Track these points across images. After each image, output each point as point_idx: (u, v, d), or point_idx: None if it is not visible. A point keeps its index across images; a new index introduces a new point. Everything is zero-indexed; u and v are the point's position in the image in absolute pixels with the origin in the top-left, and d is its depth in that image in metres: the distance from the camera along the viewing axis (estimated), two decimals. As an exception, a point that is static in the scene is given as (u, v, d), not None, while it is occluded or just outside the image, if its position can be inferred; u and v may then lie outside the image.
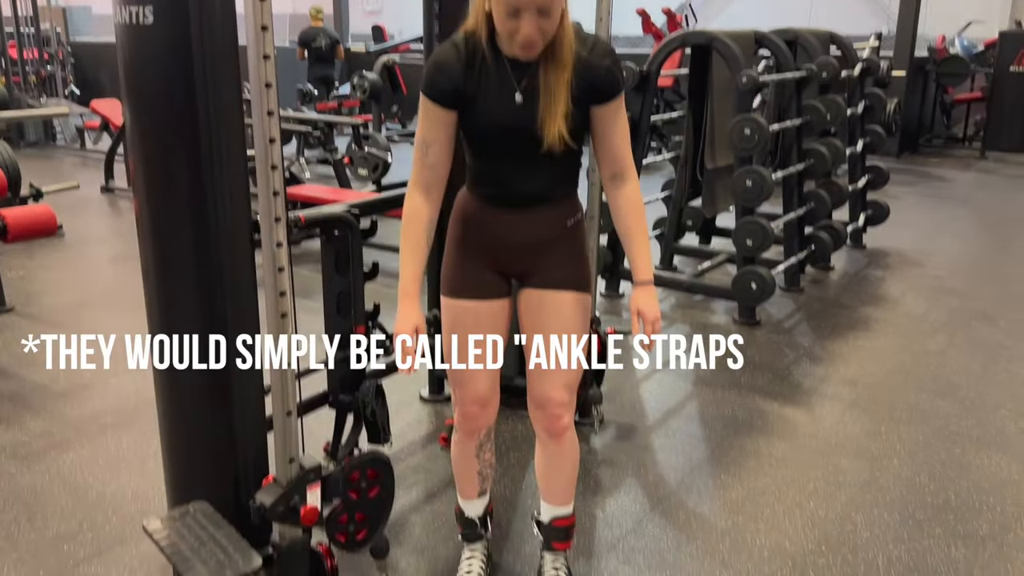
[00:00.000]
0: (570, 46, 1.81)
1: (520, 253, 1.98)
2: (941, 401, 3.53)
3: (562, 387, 2.04)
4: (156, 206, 2.05)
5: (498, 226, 1.97)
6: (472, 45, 1.84)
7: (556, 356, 2.00)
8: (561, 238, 1.98)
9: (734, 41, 4.46)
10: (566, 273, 1.98)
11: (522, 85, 1.83)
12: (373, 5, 20.33)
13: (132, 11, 1.91)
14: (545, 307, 1.99)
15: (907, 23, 10.05)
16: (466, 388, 2.10)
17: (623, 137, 1.93)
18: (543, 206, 1.95)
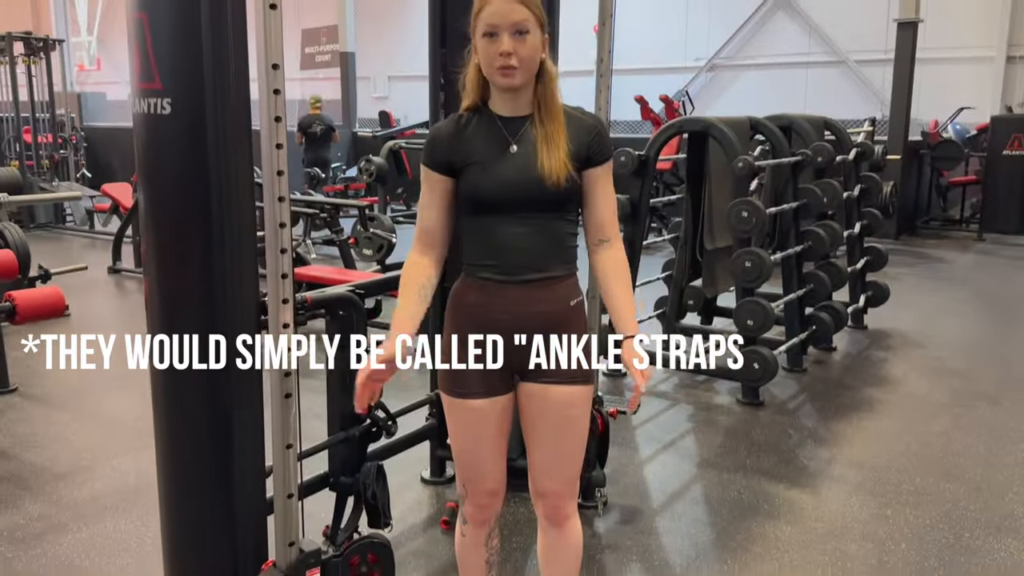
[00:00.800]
0: (557, 99, 1.90)
1: (523, 336, 1.92)
2: (948, 484, 3.50)
3: (563, 481, 2.04)
4: (166, 288, 2.09)
5: (499, 307, 1.91)
6: (468, 117, 1.94)
7: (558, 453, 1.99)
8: (564, 320, 1.94)
9: (730, 127, 4.59)
10: (569, 365, 1.94)
11: (515, 137, 1.89)
12: (381, 91, 20.92)
13: (151, 102, 1.99)
14: (548, 403, 1.95)
15: (900, 108, 10.32)
16: (477, 485, 2.08)
17: (611, 203, 1.97)
18: (544, 282, 1.91)
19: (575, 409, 1.97)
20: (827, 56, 15.68)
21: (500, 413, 1.99)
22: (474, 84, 1.91)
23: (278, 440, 1.98)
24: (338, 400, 2.66)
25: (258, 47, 1.81)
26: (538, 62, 1.85)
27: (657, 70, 16.70)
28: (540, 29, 1.83)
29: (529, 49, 1.81)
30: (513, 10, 1.79)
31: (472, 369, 1.95)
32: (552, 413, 1.96)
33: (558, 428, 1.97)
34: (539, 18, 1.83)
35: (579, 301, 2.00)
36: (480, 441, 2.01)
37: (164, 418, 2.19)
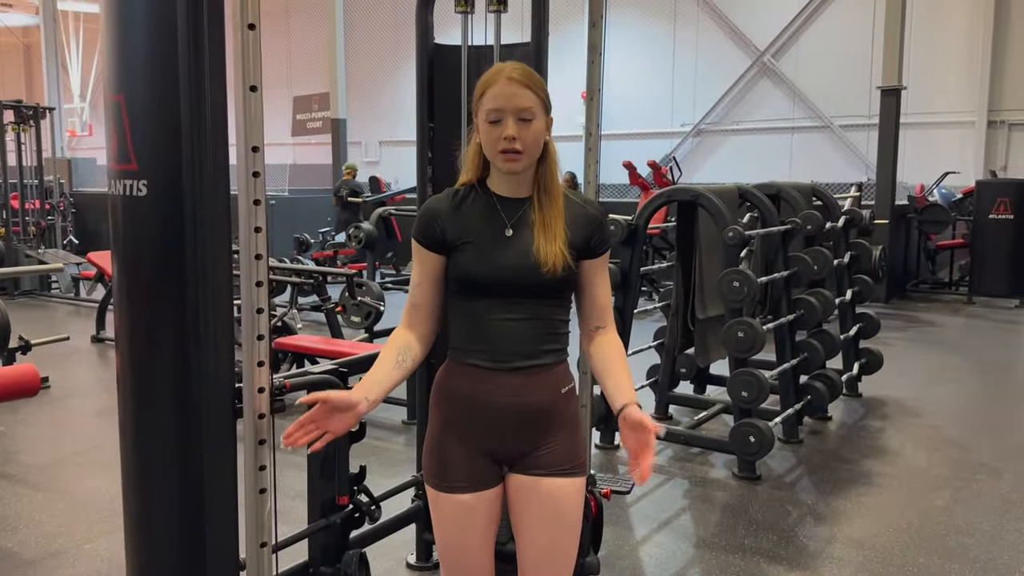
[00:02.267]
0: (558, 183, 1.85)
1: (512, 426, 1.82)
2: (952, 564, 3.38)
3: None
4: (138, 370, 2.01)
5: (487, 394, 1.81)
6: (464, 193, 1.87)
7: (549, 550, 1.88)
8: (555, 409, 1.85)
9: (718, 196, 4.58)
10: (561, 455, 1.85)
11: (512, 221, 1.82)
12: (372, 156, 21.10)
13: (127, 183, 1.94)
14: (539, 496, 1.84)
15: (886, 173, 10.43)
16: None
17: (607, 291, 1.93)
18: (534, 369, 1.82)
19: (567, 502, 1.85)
20: (812, 121, 15.94)
21: (488, 507, 1.87)
22: (473, 162, 1.86)
23: (252, 538, 1.88)
24: (319, 487, 2.55)
25: (237, 130, 1.76)
26: (541, 146, 1.81)
27: (644, 135, 16.94)
28: (544, 113, 1.80)
29: (533, 135, 1.77)
30: (517, 94, 1.75)
31: (456, 460, 1.84)
32: (543, 507, 1.84)
33: (550, 523, 1.85)
34: (544, 102, 1.79)
35: (571, 388, 1.91)
36: (467, 536, 1.88)
37: (133, 505, 2.09)
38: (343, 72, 16.25)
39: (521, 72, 1.77)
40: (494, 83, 1.76)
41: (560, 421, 1.86)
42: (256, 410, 1.83)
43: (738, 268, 4.43)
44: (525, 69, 1.80)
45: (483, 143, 1.80)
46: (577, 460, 1.88)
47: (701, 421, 5.10)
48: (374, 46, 20.14)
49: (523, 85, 1.75)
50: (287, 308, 6.97)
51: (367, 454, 4.52)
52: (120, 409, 2.07)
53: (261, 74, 1.78)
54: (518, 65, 1.81)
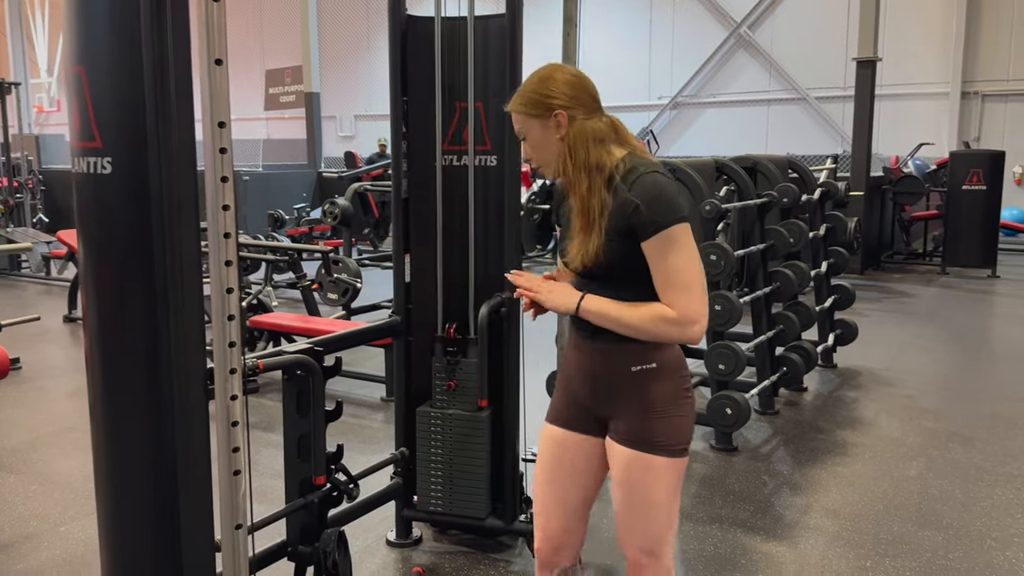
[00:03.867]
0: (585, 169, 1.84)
1: (591, 390, 1.97)
2: (926, 532, 3.43)
3: (631, 545, 1.98)
4: (107, 353, 1.97)
5: (576, 359, 2.00)
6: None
7: (623, 514, 1.97)
8: (624, 385, 1.90)
9: (695, 170, 4.56)
10: (630, 428, 1.91)
11: (560, 211, 2.02)
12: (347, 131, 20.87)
13: (91, 161, 1.89)
14: (613, 460, 1.96)
15: (861, 145, 10.47)
16: (539, 520, 2.09)
17: (667, 274, 1.80)
18: (607, 344, 1.89)
19: (632, 472, 1.91)
20: (788, 93, 15.95)
21: (574, 448, 2.02)
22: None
23: (227, 520, 1.85)
24: (296, 466, 2.53)
25: (203, 105, 1.71)
26: (555, 146, 1.88)
27: (622, 108, 16.87)
28: (538, 118, 1.87)
29: (532, 148, 1.92)
30: (516, 119, 1.92)
31: (559, 402, 2.06)
32: (618, 474, 1.96)
33: (625, 492, 1.95)
34: (532, 112, 1.87)
35: (645, 369, 1.89)
36: (545, 470, 2.06)
37: (105, 488, 2.06)
38: (316, 44, 16.01)
39: (518, 95, 1.91)
40: None
41: (630, 396, 1.91)
42: (228, 391, 1.80)
43: (715, 241, 4.43)
44: (521, 90, 1.91)
45: None
46: (648, 436, 1.89)
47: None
48: (347, 17, 19.85)
49: (516, 108, 1.90)
50: (262, 285, 6.90)
51: (345, 432, 4.51)
52: (90, 391, 2.03)
53: (226, 47, 1.73)
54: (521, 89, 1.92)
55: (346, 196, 9.79)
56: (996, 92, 14.77)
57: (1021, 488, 3.87)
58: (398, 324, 3.18)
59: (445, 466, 3.15)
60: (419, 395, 3.20)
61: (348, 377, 5.45)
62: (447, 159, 3.08)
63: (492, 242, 3.08)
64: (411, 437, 3.18)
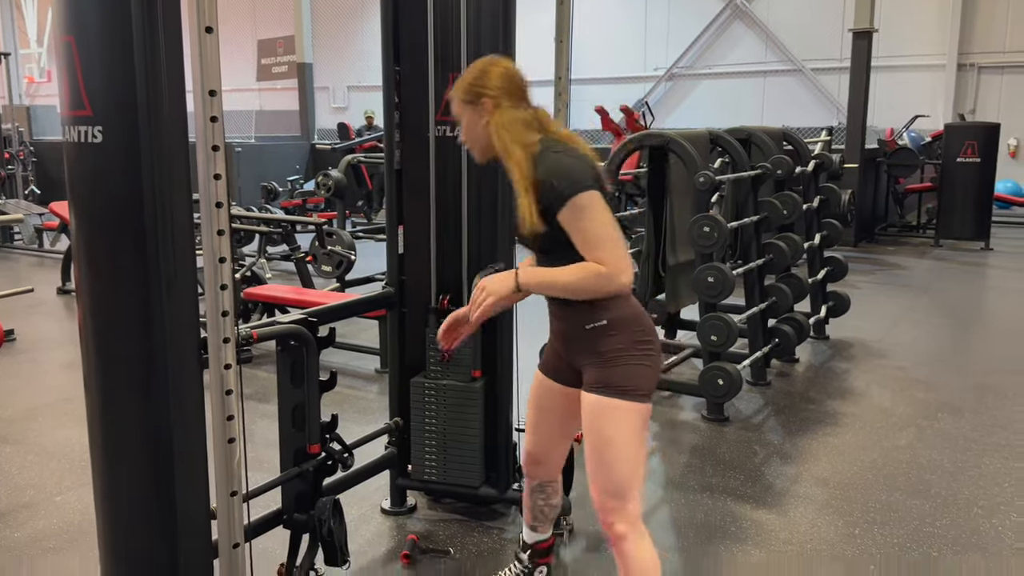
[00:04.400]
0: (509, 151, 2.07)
1: (561, 345, 2.24)
2: (914, 500, 3.48)
3: (600, 491, 2.14)
4: (100, 323, 1.98)
5: (551, 318, 2.26)
6: None
7: (590, 460, 2.14)
8: (582, 340, 2.13)
9: (690, 142, 4.55)
10: (591, 375, 2.12)
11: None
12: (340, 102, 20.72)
13: (81, 130, 1.88)
14: (582, 407, 2.15)
15: (856, 117, 10.44)
16: (525, 437, 2.48)
17: (586, 240, 2.02)
18: (563, 305, 2.14)
19: (599, 416, 2.09)
20: (784, 65, 15.87)
21: (551, 394, 2.34)
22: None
23: (222, 487, 1.87)
24: (290, 436, 2.55)
25: (194, 73, 1.71)
26: (484, 132, 2.11)
27: (617, 79, 16.78)
28: (470, 104, 2.11)
29: (466, 130, 2.15)
30: (452, 105, 2.16)
31: (548, 350, 2.35)
32: (584, 418, 2.14)
33: (590, 434, 2.13)
34: (465, 98, 2.11)
35: (597, 326, 2.10)
36: (531, 406, 2.42)
37: (101, 457, 2.07)
38: (308, 14, 15.84)
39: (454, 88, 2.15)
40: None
41: (588, 350, 2.13)
42: (222, 360, 1.81)
43: (709, 214, 4.44)
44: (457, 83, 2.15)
45: None
46: (609, 383, 2.08)
47: (671, 365, 5.16)
48: (340, -13, 19.63)
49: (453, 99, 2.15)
50: (255, 257, 6.90)
51: (340, 403, 4.53)
52: (84, 361, 2.04)
53: (217, 16, 1.72)
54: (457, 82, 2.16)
55: (340, 168, 9.74)
56: (992, 64, 14.72)
57: (1009, 458, 3.92)
58: (392, 295, 3.18)
59: (439, 436, 3.17)
60: (413, 366, 3.21)
61: (342, 349, 5.48)
62: (440, 130, 3.06)
63: (486, 213, 3.08)
64: (405, 407, 3.21)
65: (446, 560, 2.98)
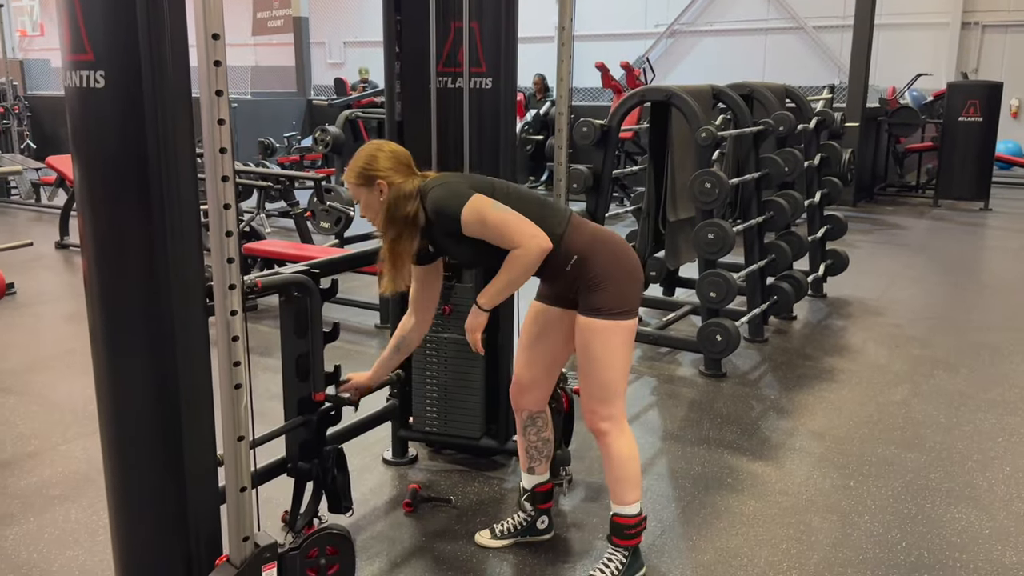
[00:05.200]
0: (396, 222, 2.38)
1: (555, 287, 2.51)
2: (909, 453, 3.53)
3: (587, 396, 2.45)
4: (105, 272, 1.98)
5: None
6: None
7: (581, 370, 2.44)
8: (570, 278, 2.40)
9: (692, 97, 4.52)
10: (582, 301, 2.39)
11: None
12: (336, 58, 20.46)
13: (83, 75, 1.86)
14: (574, 327, 2.43)
15: (858, 76, 10.35)
16: (515, 368, 2.67)
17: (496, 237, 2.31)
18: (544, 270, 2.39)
19: (584, 334, 2.39)
20: (786, 22, 15.68)
21: (545, 317, 2.57)
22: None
23: (229, 432, 1.90)
24: (294, 385, 2.57)
25: (196, 16, 1.69)
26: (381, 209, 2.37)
27: (618, 36, 16.57)
28: (365, 187, 2.37)
29: (365, 208, 2.43)
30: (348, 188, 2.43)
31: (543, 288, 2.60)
32: (575, 336, 2.44)
33: (579, 350, 2.43)
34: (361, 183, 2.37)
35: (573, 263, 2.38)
36: (524, 332, 2.63)
37: (108, 406, 2.09)
38: (305, -33, 15.56)
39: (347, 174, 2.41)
40: None
41: (577, 282, 2.40)
42: (227, 307, 1.82)
43: (710, 169, 4.42)
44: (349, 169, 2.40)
45: None
46: (592, 305, 2.37)
47: (669, 322, 5.18)
48: (337, -61, 19.28)
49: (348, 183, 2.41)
50: (254, 213, 6.88)
51: (341, 357, 4.52)
52: (89, 313, 2.05)
53: (219, -44, 1.69)
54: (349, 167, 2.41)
55: (337, 123, 9.67)
56: (996, 23, 14.55)
57: (1003, 414, 3.96)
58: (393, 248, 3.18)
59: (440, 388, 3.20)
60: (414, 318, 3.22)
61: (343, 304, 5.49)
62: (441, 81, 3.04)
63: (487, 167, 3.06)
64: (407, 360, 3.22)
65: (448, 508, 3.03)
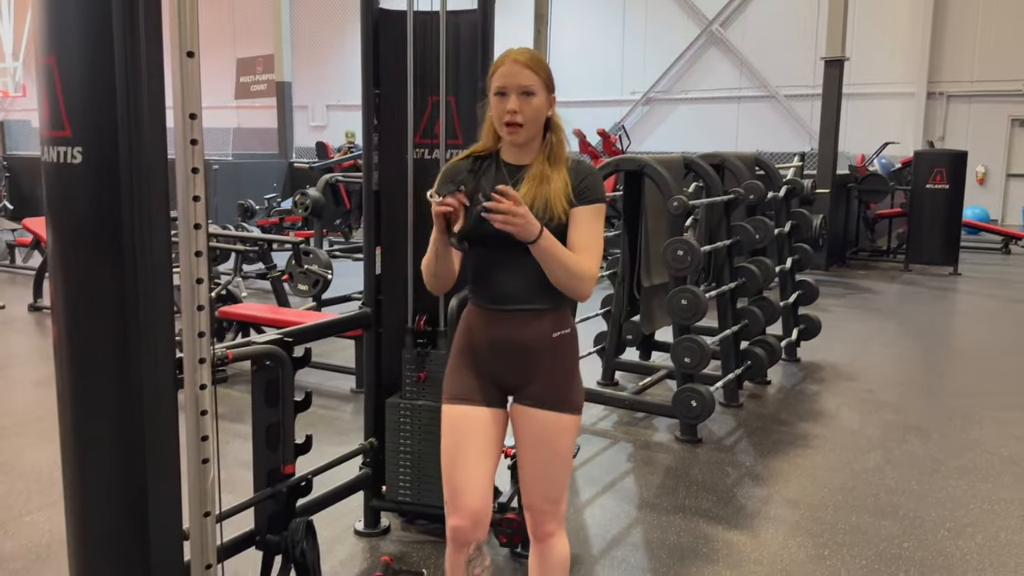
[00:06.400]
0: (564, 149, 2.09)
1: (508, 359, 2.09)
2: (883, 521, 3.53)
3: (542, 499, 2.17)
4: (75, 339, 1.98)
5: (489, 330, 2.09)
6: (480, 159, 2.14)
7: (538, 473, 2.15)
8: (546, 351, 2.08)
9: (664, 167, 4.63)
10: (551, 392, 2.09)
11: (514, 179, 2.05)
12: (319, 120, 20.72)
13: (60, 150, 1.89)
14: (530, 424, 2.11)
15: (828, 143, 10.63)
16: (458, 500, 2.11)
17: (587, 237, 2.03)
18: (528, 313, 2.06)
19: (551, 432, 2.11)
20: (758, 91, 16.12)
21: (486, 423, 2.12)
22: (487, 134, 2.12)
23: (195, 507, 1.88)
24: (264, 455, 2.55)
25: (175, 97, 1.73)
26: (543, 120, 2.05)
27: (595, 103, 16.94)
28: (547, 91, 2.04)
29: (533, 110, 2.01)
30: (521, 73, 1.99)
31: (466, 378, 2.14)
32: (533, 435, 2.13)
33: (538, 449, 2.13)
34: (546, 81, 2.03)
35: (565, 334, 2.11)
36: (462, 449, 2.11)
37: (73, 475, 2.06)
38: (288, 33, 15.87)
39: (526, 55, 2.03)
40: (502, 64, 2.02)
41: (550, 362, 2.09)
42: (197, 381, 1.82)
43: (683, 237, 4.50)
44: (531, 53, 2.05)
45: (493, 116, 2.05)
46: (565, 397, 2.11)
47: (645, 387, 5.20)
48: (320, 6, 19.69)
49: (526, 66, 2.00)
50: (231, 276, 6.87)
51: (315, 423, 4.52)
52: (58, 379, 2.04)
53: (198, 40, 1.74)
54: (525, 49, 2.06)
55: (317, 187, 9.75)
56: (960, 93, 15.06)
57: (975, 480, 3.99)
58: (368, 315, 3.20)
59: (414, 457, 3.18)
60: (389, 386, 3.23)
61: (319, 369, 5.46)
62: (419, 152, 3.10)
63: (462, 235, 3.11)
64: (380, 428, 3.21)
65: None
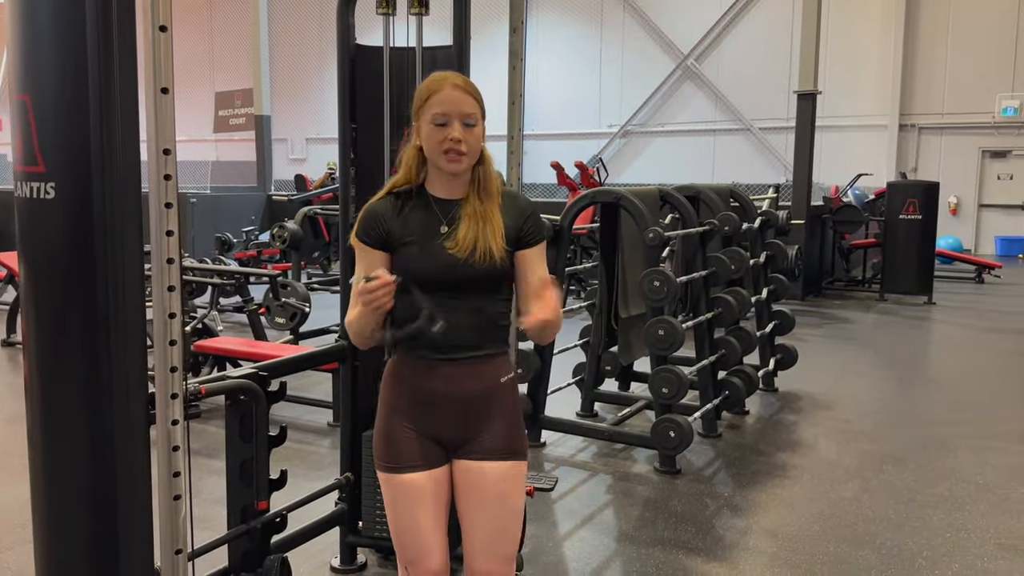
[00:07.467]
0: (495, 182, 1.98)
1: (453, 413, 1.95)
2: (860, 551, 3.54)
3: (499, 560, 2.03)
4: (47, 374, 1.96)
5: (429, 382, 1.95)
6: (402, 195, 1.98)
7: (494, 530, 1.99)
8: (495, 397, 1.98)
9: (640, 199, 4.68)
10: (501, 441, 1.97)
11: (448, 218, 1.94)
12: (298, 153, 20.76)
13: (33, 186, 1.89)
14: (483, 479, 1.97)
15: (802, 175, 10.79)
16: (420, 566, 2.01)
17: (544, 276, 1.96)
18: (474, 359, 1.95)
19: (508, 484, 1.99)
20: (733, 124, 16.36)
21: (436, 487, 1.99)
22: (413, 164, 1.97)
23: (167, 545, 1.85)
24: (238, 491, 2.53)
25: (149, 134, 1.74)
26: (480, 150, 1.95)
27: (572, 135, 17.13)
28: (483, 119, 1.96)
29: (475, 139, 1.91)
30: (463, 100, 1.90)
31: (404, 442, 1.96)
32: (485, 492, 1.98)
33: (493, 507, 1.98)
34: (483, 110, 1.96)
35: (511, 377, 2.03)
36: (418, 515, 1.98)
37: (42, 513, 2.03)
38: (267, 67, 15.95)
39: (464, 81, 1.94)
40: (439, 89, 1.90)
41: (499, 409, 1.99)
42: (169, 416, 1.81)
43: (658, 268, 4.54)
44: (464, 78, 1.96)
45: (426, 145, 1.92)
46: (517, 445, 2.01)
47: (624, 418, 5.20)
48: (299, 41, 19.83)
49: (467, 92, 1.91)
50: (208, 309, 6.83)
51: (290, 457, 4.47)
52: (28, 416, 2.02)
53: (173, 76, 1.76)
54: (457, 74, 1.97)
55: (296, 220, 9.74)
56: (932, 125, 15.38)
57: (951, 509, 4.01)
58: (345, 348, 3.19)
59: (390, 491, 3.15)
60: (366, 420, 3.20)
61: (295, 403, 5.42)
62: (395, 186, 3.12)
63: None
64: (357, 462, 3.19)
65: (396, 618, 2.94)
